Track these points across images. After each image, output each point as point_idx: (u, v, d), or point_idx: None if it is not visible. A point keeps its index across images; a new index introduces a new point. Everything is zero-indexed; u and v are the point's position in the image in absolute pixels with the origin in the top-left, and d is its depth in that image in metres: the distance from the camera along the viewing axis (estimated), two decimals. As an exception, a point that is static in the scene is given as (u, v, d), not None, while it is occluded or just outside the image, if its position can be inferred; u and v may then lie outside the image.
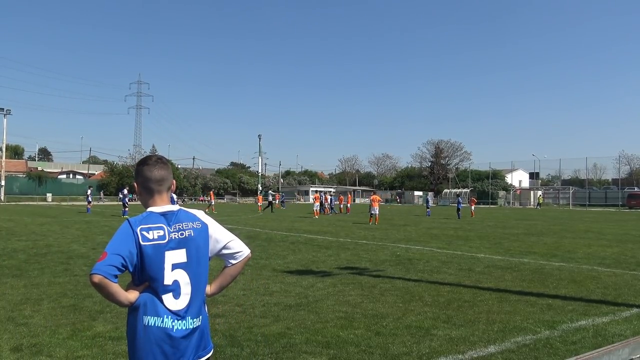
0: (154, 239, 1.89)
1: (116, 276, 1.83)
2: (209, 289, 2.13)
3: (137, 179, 2.04)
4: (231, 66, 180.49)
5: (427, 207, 32.99)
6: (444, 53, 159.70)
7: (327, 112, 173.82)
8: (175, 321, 1.89)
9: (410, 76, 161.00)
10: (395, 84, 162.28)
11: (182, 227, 1.97)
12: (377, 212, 22.99)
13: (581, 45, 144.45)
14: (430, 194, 56.75)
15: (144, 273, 1.88)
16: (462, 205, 30.26)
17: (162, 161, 2.05)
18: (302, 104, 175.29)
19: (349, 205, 36.28)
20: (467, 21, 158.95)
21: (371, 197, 24.37)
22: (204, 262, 2.03)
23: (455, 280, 7.71)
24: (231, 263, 2.10)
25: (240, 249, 2.10)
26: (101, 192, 49.81)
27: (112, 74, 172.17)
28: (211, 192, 44.36)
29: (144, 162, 2.04)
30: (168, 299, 1.90)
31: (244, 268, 2.16)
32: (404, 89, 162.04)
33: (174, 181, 2.14)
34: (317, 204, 29.38)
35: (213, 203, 40.35)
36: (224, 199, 74.45)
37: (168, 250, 1.91)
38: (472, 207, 31.57)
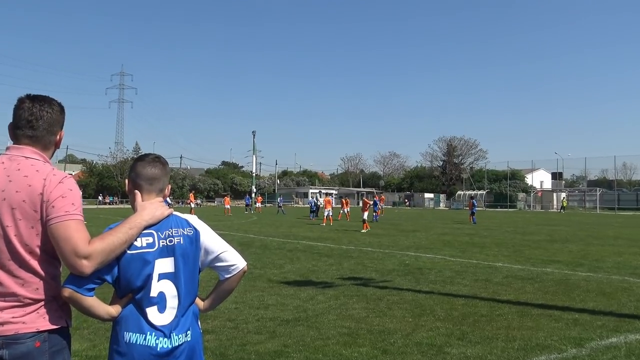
0: (142, 247, 1.90)
1: (91, 289, 1.83)
2: (201, 304, 2.12)
3: (129, 175, 2.10)
4: (222, 56, 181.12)
5: (374, 212, 30.30)
6: (456, 42, 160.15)
7: (328, 107, 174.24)
8: (160, 338, 1.88)
9: (420, 67, 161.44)
10: (402, 76, 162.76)
11: (172, 233, 1.98)
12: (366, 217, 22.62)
13: (606, 37, 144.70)
14: (371, 193, 52.19)
15: (130, 283, 1.88)
16: (477, 208, 30.22)
17: (159, 160, 2.10)
18: (301, 97, 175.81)
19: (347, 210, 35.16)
20: (480, 6, 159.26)
21: (363, 200, 24.20)
22: (193, 273, 2.02)
23: (470, 292, 7.70)
24: (225, 277, 2.09)
25: (234, 261, 2.07)
26: None
27: (92, 65, 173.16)
28: (191, 194, 44.17)
29: (141, 158, 2.11)
30: (152, 312, 1.90)
31: (240, 282, 2.15)
32: (412, 81, 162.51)
33: (169, 186, 2.17)
34: (329, 209, 27.00)
35: (193, 206, 40.20)
36: (214, 201, 74.54)
37: (157, 258, 1.92)
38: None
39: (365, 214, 22.59)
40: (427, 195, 78.07)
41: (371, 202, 27.36)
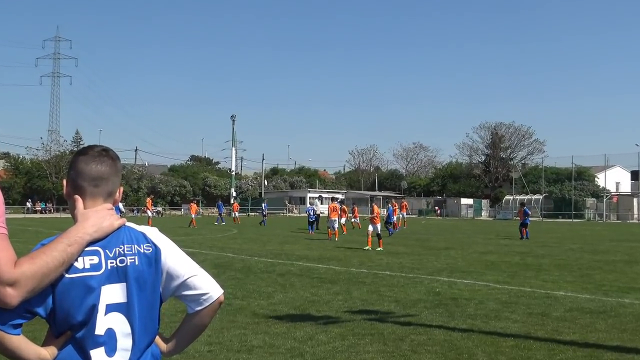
0: (84, 269, 1.90)
1: (18, 326, 1.83)
2: (164, 345, 2.14)
3: (68, 174, 2.10)
4: (193, 20, 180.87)
5: (387, 223, 29.67)
6: (500, 8, 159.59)
7: (331, 85, 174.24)
8: None
9: (452, 37, 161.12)
10: (430, 47, 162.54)
11: (124, 251, 1.99)
12: (371, 230, 22.65)
13: None
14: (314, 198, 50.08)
15: (69, 317, 1.89)
16: (530, 219, 30.27)
17: (108, 155, 2.11)
18: (295, 75, 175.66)
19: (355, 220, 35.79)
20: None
21: (372, 207, 24.12)
22: (152, 304, 2.04)
23: (522, 330, 7.73)
24: (194, 309, 2.09)
25: (207, 289, 2.08)
26: None
27: (17, 27, 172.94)
28: (149, 198, 44.64)
29: (83, 151, 2.11)
30: (98, 356, 1.91)
31: (215, 316, 2.16)
32: (442, 53, 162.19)
33: (121, 188, 2.19)
34: (334, 218, 27.18)
35: (151, 215, 40.46)
36: (180, 209, 74.69)
37: (104, 284, 1.93)
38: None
39: (378, 226, 22.60)
40: (464, 200, 78.11)
41: (382, 210, 27.31)
